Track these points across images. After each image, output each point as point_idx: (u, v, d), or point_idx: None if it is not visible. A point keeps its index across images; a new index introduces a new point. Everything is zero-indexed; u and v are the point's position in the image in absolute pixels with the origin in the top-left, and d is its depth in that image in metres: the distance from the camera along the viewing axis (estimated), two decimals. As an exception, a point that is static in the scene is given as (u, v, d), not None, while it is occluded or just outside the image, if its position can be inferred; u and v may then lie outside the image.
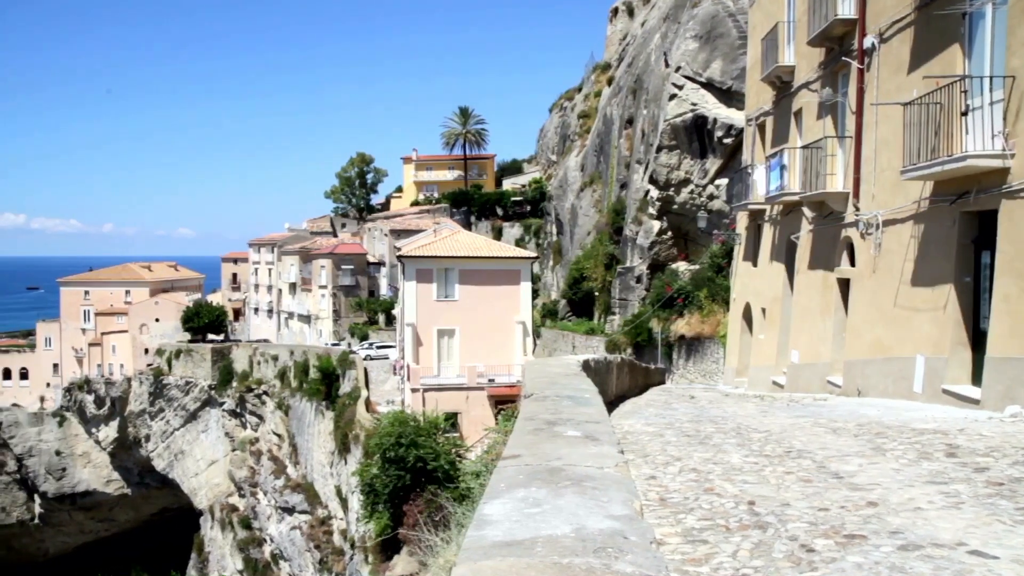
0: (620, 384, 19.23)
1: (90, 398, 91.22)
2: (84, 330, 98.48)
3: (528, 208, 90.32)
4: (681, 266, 42.86)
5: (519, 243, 77.94)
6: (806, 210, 21.33)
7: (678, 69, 41.20)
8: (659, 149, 42.36)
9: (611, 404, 15.04)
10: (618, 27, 72.49)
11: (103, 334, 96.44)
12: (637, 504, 4.64)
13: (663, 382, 28.30)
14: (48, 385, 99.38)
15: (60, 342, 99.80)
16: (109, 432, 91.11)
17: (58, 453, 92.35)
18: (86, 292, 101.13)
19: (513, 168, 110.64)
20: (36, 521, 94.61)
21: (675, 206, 43.10)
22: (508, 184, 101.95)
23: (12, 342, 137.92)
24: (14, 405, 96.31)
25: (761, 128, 25.99)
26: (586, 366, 14.31)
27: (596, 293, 52.65)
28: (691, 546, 5.69)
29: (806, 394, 18.82)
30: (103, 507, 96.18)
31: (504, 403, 37.46)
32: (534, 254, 58.52)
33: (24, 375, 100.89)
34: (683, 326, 37.64)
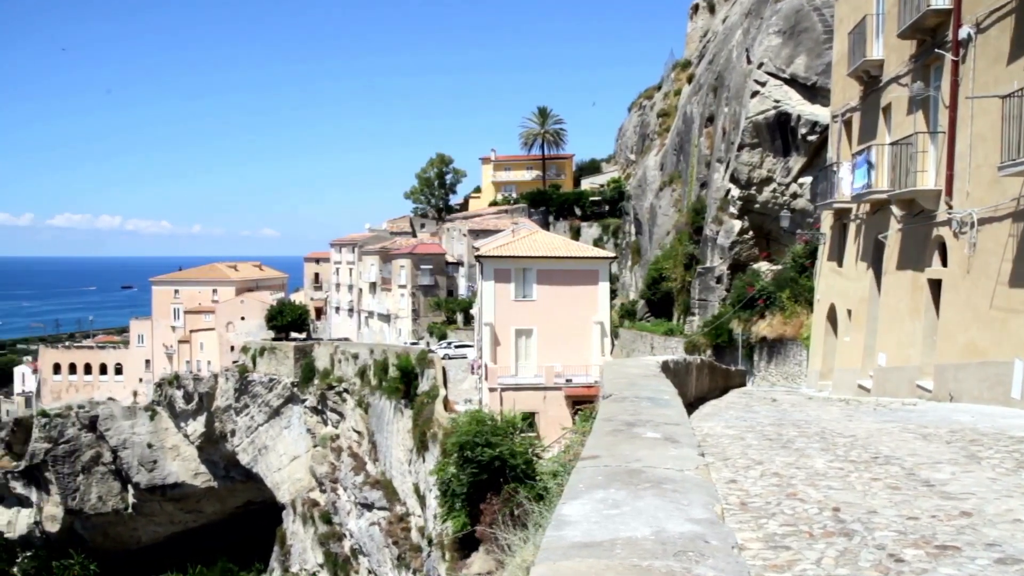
0: (700, 386, 18.96)
1: (179, 393, 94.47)
2: (174, 327, 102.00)
3: (606, 208, 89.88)
4: (763, 266, 42.01)
5: (597, 243, 77.58)
6: (895, 208, 20.65)
7: (760, 65, 40.40)
8: (740, 147, 41.61)
9: (690, 406, 14.84)
10: (699, 24, 71.49)
11: (191, 331, 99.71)
12: (718, 508, 4.58)
13: (743, 384, 27.78)
14: (140, 380, 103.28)
15: (152, 339, 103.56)
16: (197, 426, 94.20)
17: (150, 446, 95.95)
18: (176, 291, 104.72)
19: (591, 168, 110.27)
20: (130, 511, 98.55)
21: (757, 205, 42.28)
22: (586, 184, 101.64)
23: (108, 338, 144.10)
24: (109, 399, 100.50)
25: (847, 124, 25.28)
26: (665, 367, 14.15)
27: (675, 294, 52.04)
28: (773, 552, 5.57)
29: (894, 398, 18.22)
30: (191, 499, 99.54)
31: (581, 403, 37.33)
32: (612, 254, 58.14)
33: (119, 370, 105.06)
34: (765, 327, 36.89)
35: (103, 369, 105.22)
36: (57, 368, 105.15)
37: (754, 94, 40.70)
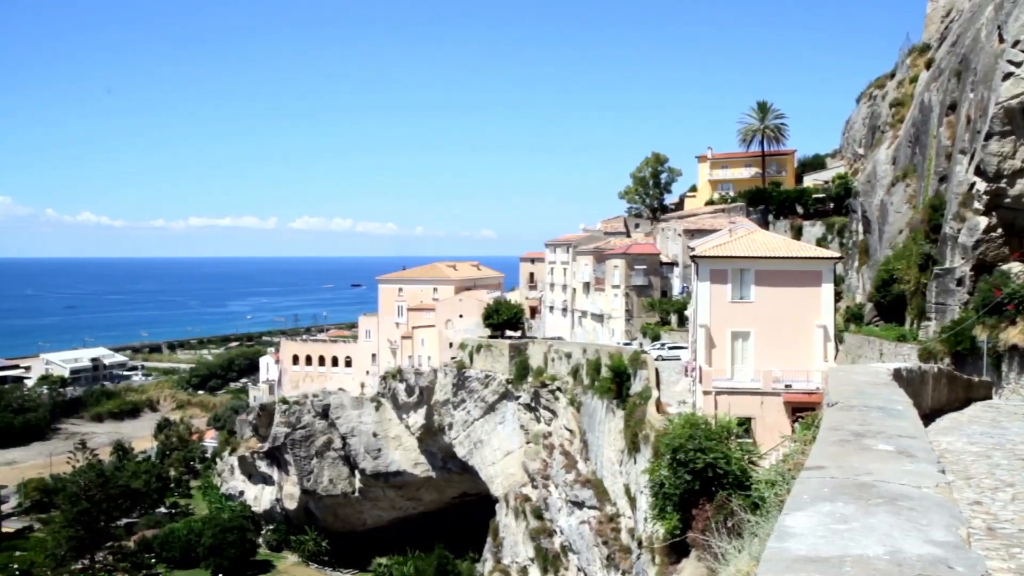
0: (936, 397, 17.48)
1: (401, 386, 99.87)
2: (397, 324, 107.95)
3: (831, 206, 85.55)
4: (1014, 267, 38.10)
5: (820, 243, 74.02)
6: None
7: (1016, 44, 36.65)
8: (989, 136, 37.97)
9: (926, 418, 13.74)
10: (940, 3, 66.17)
11: (413, 328, 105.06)
12: (963, 531, 4.20)
13: (989, 397, 25.29)
14: (367, 373, 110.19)
15: (378, 334, 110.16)
16: (417, 419, 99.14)
17: (375, 435, 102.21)
18: (400, 289, 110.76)
19: (815, 163, 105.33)
20: (356, 494, 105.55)
21: (1007, 200, 38.42)
22: (809, 181, 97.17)
23: (339, 333, 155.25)
24: (340, 389, 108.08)
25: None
26: (897, 375, 13.19)
27: (908, 296, 48.47)
28: (1030, 586, 4.96)
29: None
30: (411, 487, 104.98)
31: (802, 410, 35.62)
32: (837, 254, 55.01)
33: (348, 363, 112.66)
34: (1015, 335, 33.45)
35: (335, 361, 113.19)
36: (296, 359, 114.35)
37: (1007, 76, 36.98)
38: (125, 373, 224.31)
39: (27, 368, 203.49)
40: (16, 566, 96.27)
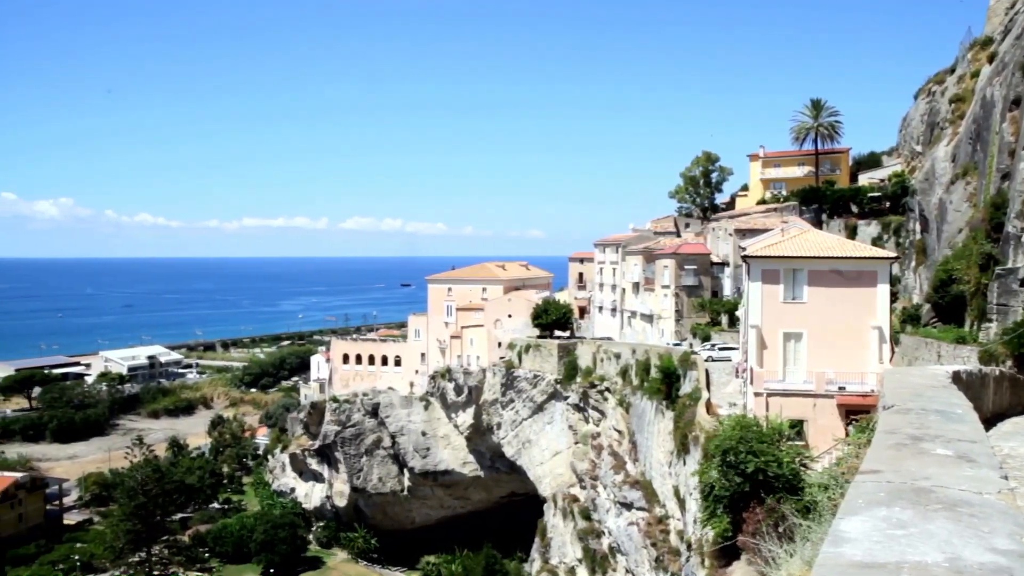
0: (998, 401, 16.99)
1: (450, 386, 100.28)
2: (446, 323, 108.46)
3: (887, 204, 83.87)
4: (1078, 268, 36.90)
5: (875, 242, 72.61)
6: None
7: (1078, 39, 35.50)
8: (1051, 133, 36.82)
9: (987, 422, 13.34)
10: (1002, -3, 64.34)
11: (462, 327, 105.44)
12: None
13: (1053, 401, 24.52)
14: (416, 372, 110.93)
15: (427, 334, 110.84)
16: (466, 418, 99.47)
17: (424, 434, 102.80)
18: (449, 289, 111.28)
19: (870, 162, 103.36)
20: (405, 493, 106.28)
21: (1071, 199, 37.22)
22: (864, 179, 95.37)
23: (389, 332, 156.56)
24: (389, 388, 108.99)
25: None
26: (956, 378, 12.84)
27: (968, 297, 47.22)
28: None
29: None
30: (459, 486, 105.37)
31: (856, 413, 34.94)
32: (893, 254, 53.84)
33: (398, 362, 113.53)
34: (1080, 338, 32.37)
35: (384, 360, 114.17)
36: (346, 358, 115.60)
37: (1069, 72, 35.84)
38: (180, 371, 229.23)
39: (87, 365, 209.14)
40: (77, 557, 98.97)
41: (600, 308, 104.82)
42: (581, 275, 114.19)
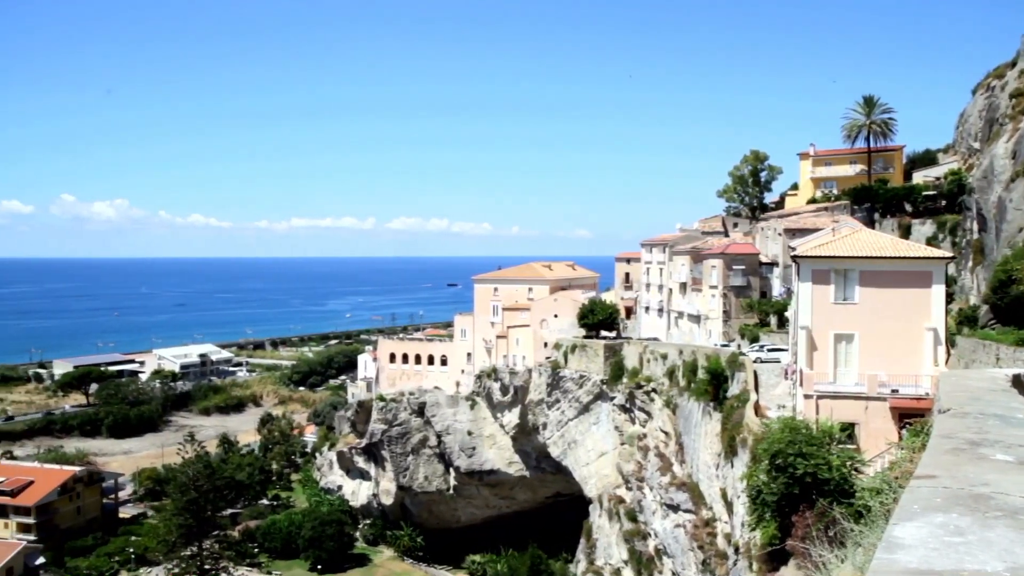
0: (1060, 404, 16.41)
1: (496, 385, 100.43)
2: (493, 323, 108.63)
3: (942, 203, 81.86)
4: None
5: (930, 242, 70.93)
6: None
7: None
8: (1116, 129, 35.64)
9: (1048, 427, 12.87)
10: (1062, -9, 62.50)
11: (508, 327, 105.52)
12: None
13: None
14: (462, 372, 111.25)
15: (473, 333, 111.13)
16: (511, 418, 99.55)
17: (469, 433, 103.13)
18: (495, 289, 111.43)
19: (925, 159, 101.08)
20: (451, 492, 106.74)
21: None
22: (919, 177, 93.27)
23: (435, 332, 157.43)
24: (435, 388, 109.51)
25: None
26: (1016, 381, 12.46)
27: (1027, 299, 45.90)
28: None
29: None
30: (505, 485, 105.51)
31: (909, 417, 34.21)
32: (949, 254, 52.61)
33: (444, 362, 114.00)
34: None
35: (431, 360, 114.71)
36: (392, 357, 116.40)
37: None
38: (231, 369, 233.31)
39: (141, 363, 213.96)
40: (132, 550, 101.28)
41: (647, 308, 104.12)
42: (628, 275, 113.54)
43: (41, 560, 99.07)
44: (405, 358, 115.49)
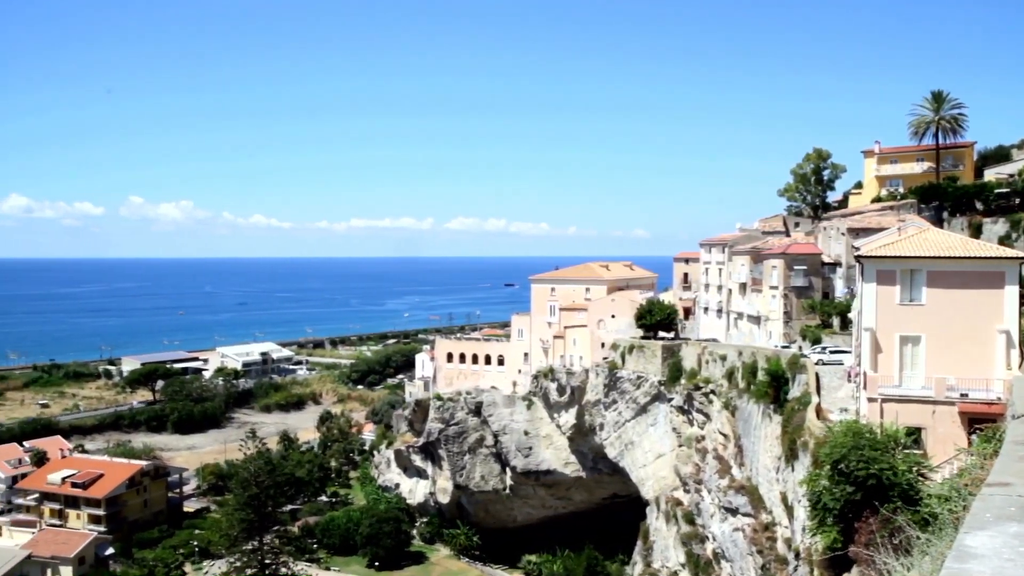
0: None
1: (553, 386, 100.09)
2: (549, 323, 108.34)
3: (1016, 201, 79.14)
4: None
5: (1003, 241, 68.59)
6: None
7: None
8: None
9: None
10: None
11: (565, 327, 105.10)
12: None
13: None
14: (519, 371, 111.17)
15: (530, 333, 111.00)
16: (568, 418, 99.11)
17: (526, 433, 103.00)
18: (552, 289, 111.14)
19: (998, 156, 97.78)
20: (507, 491, 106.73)
21: None
22: (991, 174, 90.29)
23: (492, 332, 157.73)
24: (492, 387, 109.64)
25: None
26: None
27: (1105, 301, 44.04)
28: None
29: None
30: (561, 486, 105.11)
31: (980, 422, 33.05)
32: (1023, 254, 50.82)
33: (500, 361, 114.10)
34: None
35: (487, 359, 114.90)
36: (450, 357, 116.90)
37: None
38: (291, 367, 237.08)
39: (205, 360, 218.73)
40: (196, 543, 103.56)
41: (705, 309, 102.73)
42: (686, 275, 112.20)
43: (110, 551, 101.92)
44: (462, 358, 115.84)
